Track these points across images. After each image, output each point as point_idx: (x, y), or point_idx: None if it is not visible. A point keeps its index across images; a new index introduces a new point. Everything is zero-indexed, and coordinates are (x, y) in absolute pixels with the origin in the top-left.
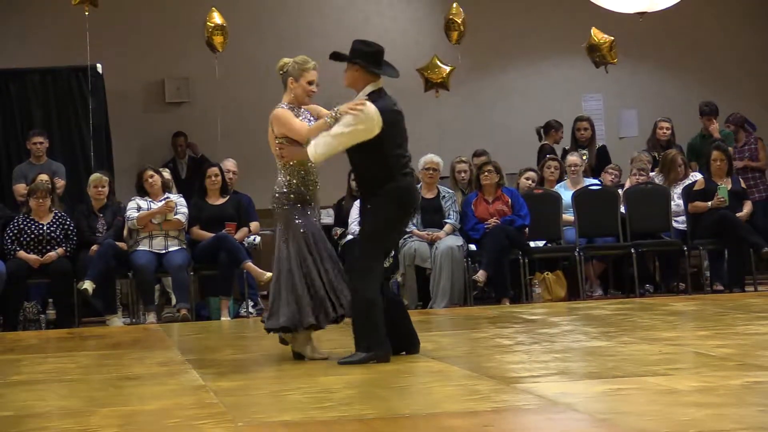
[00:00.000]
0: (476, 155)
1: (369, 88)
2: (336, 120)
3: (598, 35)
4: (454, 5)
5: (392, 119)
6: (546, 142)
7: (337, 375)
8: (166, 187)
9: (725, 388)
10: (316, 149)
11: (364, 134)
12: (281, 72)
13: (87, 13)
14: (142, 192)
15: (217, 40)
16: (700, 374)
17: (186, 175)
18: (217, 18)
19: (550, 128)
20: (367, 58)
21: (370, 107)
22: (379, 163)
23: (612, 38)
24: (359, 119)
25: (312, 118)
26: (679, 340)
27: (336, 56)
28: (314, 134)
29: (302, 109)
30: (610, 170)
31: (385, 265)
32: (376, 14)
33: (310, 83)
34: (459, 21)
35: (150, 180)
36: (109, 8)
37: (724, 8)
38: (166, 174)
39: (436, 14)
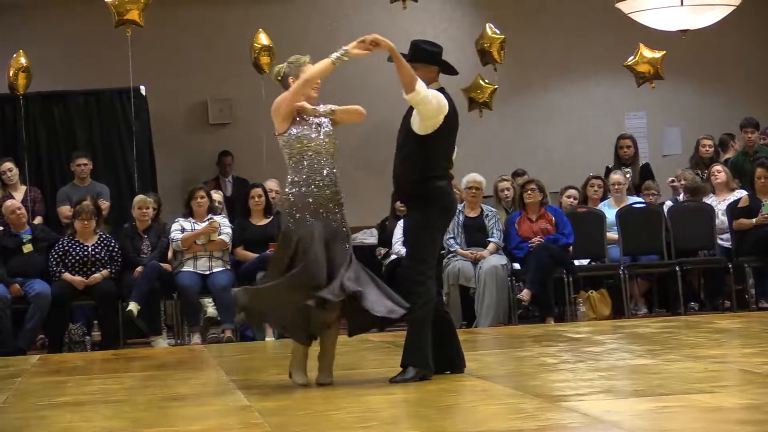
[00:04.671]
0: (516, 175)
1: (434, 86)
2: (341, 56)
3: (645, 52)
4: (488, 27)
5: (452, 120)
6: (727, 157)
7: (382, 394)
8: (213, 210)
9: None
10: (427, 92)
11: (436, 112)
12: (279, 78)
13: (129, 35)
14: (190, 208)
15: (264, 61)
16: (745, 392)
17: (231, 194)
18: (264, 39)
19: (726, 144)
20: (439, 60)
21: (438, 95)
22: (424, 162)
23: (663, 52)
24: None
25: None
26: (725, 358)
27: (418, 58)
28: (320, 72)
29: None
30: (646, 191)
31: None
32: (418, 34)
33: None
34: (496, 46)
35: (200, 200)
36: (152, 30)
37: (766, 26)
38: (218, 196)
39: (477, 33)
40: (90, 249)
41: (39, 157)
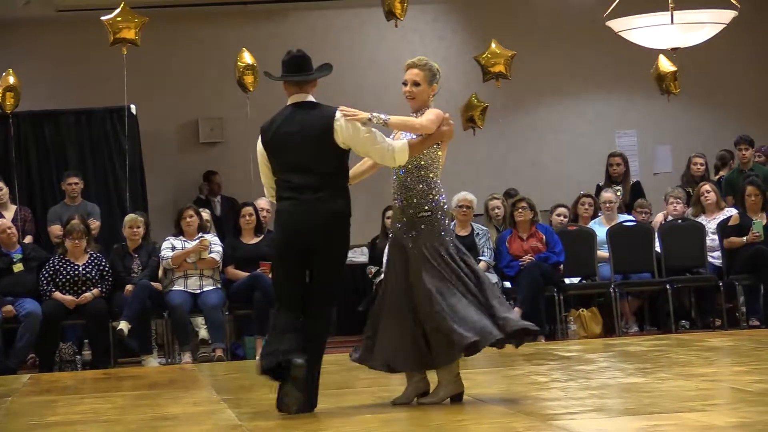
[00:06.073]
0: (508, 195)
1: (288, 102)
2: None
3: (664, 63)
4: (494, 43)
5: (270, 141)
6: (722, 174)
7: (373, 413)
8: (203, 228)
9: (763, 424)
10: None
11: (261, 159)
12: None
13: (125, 53)
14: (180, 228)
15: (248, 80)
16: (737, 410)
17: (221, 213)
18: (247, 58)
19: (726, 160)
20: (283, 69)
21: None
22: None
23: (675, 68)
24: None
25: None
26: (716, 376)
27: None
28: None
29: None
30: (639, 209)
31: None
32: (409, 52)
33: (404, 83)
34: (505, 61)
35: (189, 219)
36: (143, 50)
37: (757, 44)
38: (206, 215)
39: (467, 52)
40: (81, 268)
41: (30, 176)
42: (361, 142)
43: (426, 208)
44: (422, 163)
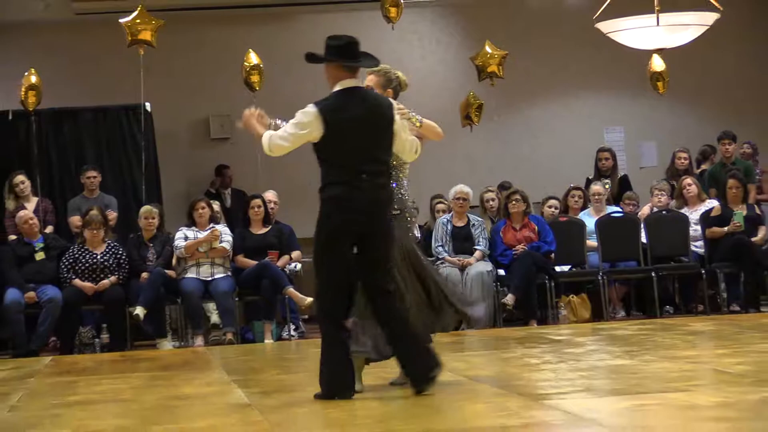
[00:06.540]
0: (503, 188)
1: (337, 87)
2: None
3: (656, 63)
4: (487, 44)
5: (337, 123)
6: (704, 168)
7: (372, 393)
8: (214, 219)
9: (743, 403)
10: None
11: (306, 136)
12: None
13: (142, 53)
14: (192, 219)
15: (254, 79)
16: (718, 390)
17: (230, 205)
18: (253, 58)
19: (707, 154)
20: (338, 53)
21: (308, 107)
22: (322, 168)
23: (663, 68)
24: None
25: None
26: (699, 358)
27: (311, 57)
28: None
29: None
30: (627, 201)
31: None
32: (407, 54)
33: None
34: (497, 61)
35: (201, 211)
36: (157, 51)
37: (739, 45)
38: (216, 206)
39: (465, 54)
40: (99, 257)
41: (50, 170)
42: (404, 135)
43: (396, 206)
44: (394, 163)
